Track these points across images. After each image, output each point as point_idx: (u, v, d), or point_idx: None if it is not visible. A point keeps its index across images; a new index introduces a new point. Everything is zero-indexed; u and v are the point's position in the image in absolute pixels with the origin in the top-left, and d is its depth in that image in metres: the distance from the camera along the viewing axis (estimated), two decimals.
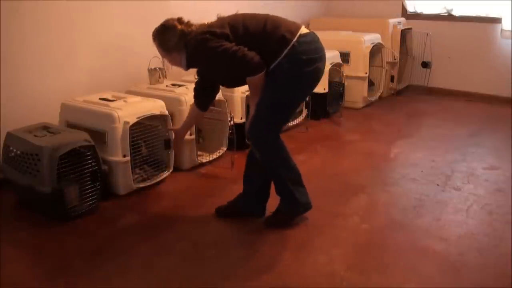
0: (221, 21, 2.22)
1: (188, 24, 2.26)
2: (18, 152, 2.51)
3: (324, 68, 2.28)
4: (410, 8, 5.45)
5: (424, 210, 2.59)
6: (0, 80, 2.82)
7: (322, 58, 2.24)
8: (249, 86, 2.25)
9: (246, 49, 2.09)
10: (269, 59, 2.14)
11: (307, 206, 2.41)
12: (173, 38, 2.22)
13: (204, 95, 2.48)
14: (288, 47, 2.12)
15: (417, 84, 5.42)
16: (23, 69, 2.94)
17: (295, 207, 2.39)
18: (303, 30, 2.19)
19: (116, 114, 2.64)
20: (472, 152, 3.50)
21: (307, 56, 2.15)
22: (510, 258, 2.13)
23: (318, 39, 2.25)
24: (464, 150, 3.54)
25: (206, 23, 2.25)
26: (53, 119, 2.88)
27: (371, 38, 4.65)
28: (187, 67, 2.30)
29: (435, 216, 2.53)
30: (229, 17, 2.24)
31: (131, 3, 3.52)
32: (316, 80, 2.28)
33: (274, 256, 2.15)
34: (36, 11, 2.95)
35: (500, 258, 2.14)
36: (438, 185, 2.92)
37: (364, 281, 1.98)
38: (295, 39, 2.13)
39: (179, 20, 2.26)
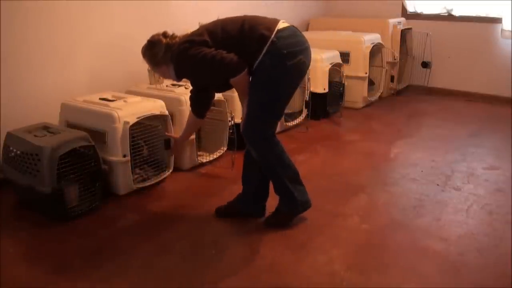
0: (200, 29, 2.26)
1: (173, 36, 2.32)
2: (18, 152, 2.51)
3: (309, 61, 2.28)
4: (410, 8, 5.45)
5: (424, 210, 2.59)
6: (0, 80, 2.82)
7: (304, 51, 2.23)
8: (236, 89, 2.28)
9: (224, 52, 2.12)
10: (251, 59, 2.16)
11: (306, 205, 2.41)
12: (160, 52, 2.29)
13: (200, 103, 2.51)
14: (267, 44, 2.13)
15: (417, 84, 5.41)
16: (23, 69, 2.94)
17: (294, 206, 2.38)
18: (281, 24, 2.19)
19: (116, 114, 2.64)
20: (472, 152, 3.50)
21: (288, 50, 2.15)
22: (510, 258, 2.13)
23: (300, 32, 2.26)
24: (464, 150, 3.54)
25: (188, 33, 2.29)
26: (53, 119, 2.88)
27: (371, 38, 4.65)
28: (177, 77, 2.35)
29: (435, 216, 2.53)
30: (208, 24, 2.28)
31: (131, 3, 3.52)
32: (301, 73, 2.28)
33: (274, 256, 2.15)
34: (37, 11, 2.95)
35: (500, 258, 2.14)
36: (438, 185, 2.92)
37: (364, 281, 1.98)
38: (273, 35, 2.13)
39: (164, 34, 2.33)
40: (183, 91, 3.09)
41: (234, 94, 3.35)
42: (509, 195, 2.78)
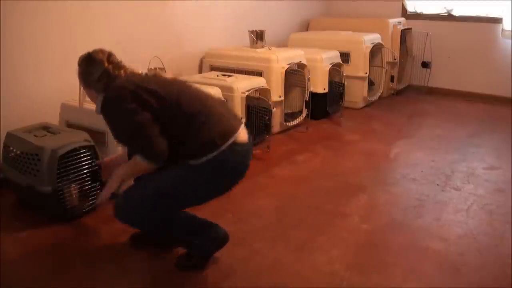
0: (152, 82, 1.90)
1: (118, 66, 1.96)
2: (18, 152, 2.51)
3: (233, 185, 1.98)
4: (410, 8, 5.45)
5: (424, 210, 2.59)
6: (0, 80, 2.82)
7: (242, 175, 1.96)
8: (131, 161, 1.96)
9: (158, 131, 1.80)
10: (189, 154, 1.85)
11: (221, 242, 2.07)
12: (95, 74, 1.92)
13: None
14: (214, 152, 1.82)
15: (417, 84, 5.42)
16: (23, 69, 2.94)
17: (204, 250, 2.06)
18: (241, 137, 1.90)
19: None
20: (472, 152, 3.50)
21: (230, 166, 1.88)
22: (510, 258, 2.13)
23: (251, 153, 1.96)
24: (464, 150, 3.54)
25: (139, 72, 2.00)
26: (53, 119, 2.88)
27: (371, 38, 4.65)
28: (98, 112, 1.95)
29: (435, 216, 2.53)
30: (164, 83, 1.94)
31: (131, 3, 3.52)
32: (219, 192, 1.99)
33: (274, 256, 2.15)
34: (37, 11, 2.95)
35: (500, 258, 2.14)
36: (438, 185, 2.92)
37: (364, 281, 1.98)
38: (225, 145, 1.84)
39: (109, 57, 1.97)
40: None
41: (233, 94, 3.37)
42: (509, 195, 2.78)
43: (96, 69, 1.93)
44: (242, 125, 1.96)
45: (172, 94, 1.87)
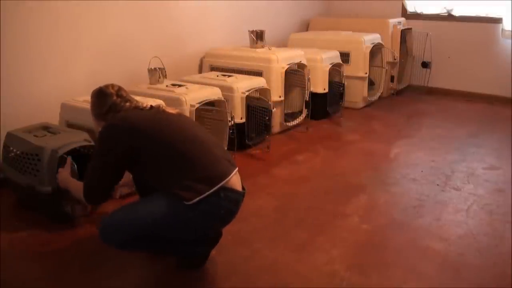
0: (149, 122, 1.93)
1: (125, 98, 2.06)
2: (18, 152, 2.51)
3: (219, 226, 2.02)
4: (410, 8, 5.45)
5: (424, 210, 2.59)
6: (0, 80, 2.82)
7: (227, 221, 1.95)
8: (78, 185, 2.06)
9: (112, 180, 1.92)
10: (181, 191, 1.79)
11: (213, 240, 2.10)
12: (104, 107, 2.04)
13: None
14: (203, 195, 1.78)
15: (417, 84, 5.41)
16: (23, 69, 2.94)
17: (199, 252, 2.08)
18: (234, 185, 1.88)
19: None
20: (472, 152, 3.50)
21: (220, 210, 1.85)
22: (510, 258, 2.13)
23: (240, 203, 1.93)
24: (464, 150, 3.54)
25: (143, 106, 2.03)
26: (53, 119, 2.88)
27: (371, 38, 4.65)
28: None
29: (435, 216, 2.53)
30: (161, 124, 1.94)
31: (132, 3, 3.52)
32: (212, 230, 2.04)
33: (274, 256, 2.15)
34: (37, 11, 2.95)
35: (500, 258, 2.14)
36: (438, 185, 2.92)
37: (364, 281, 1.98)
38: (215, 189, 1.79)
39: (118, 91, 2.07)
40: (183, 91, 3.09)
41: (233, 94, 3.37)
42: (509, 195, 2.78)
43: (106, 102, 2.04)
44: (236, 171, 1.93)
45: (165, 136, 1.89)
